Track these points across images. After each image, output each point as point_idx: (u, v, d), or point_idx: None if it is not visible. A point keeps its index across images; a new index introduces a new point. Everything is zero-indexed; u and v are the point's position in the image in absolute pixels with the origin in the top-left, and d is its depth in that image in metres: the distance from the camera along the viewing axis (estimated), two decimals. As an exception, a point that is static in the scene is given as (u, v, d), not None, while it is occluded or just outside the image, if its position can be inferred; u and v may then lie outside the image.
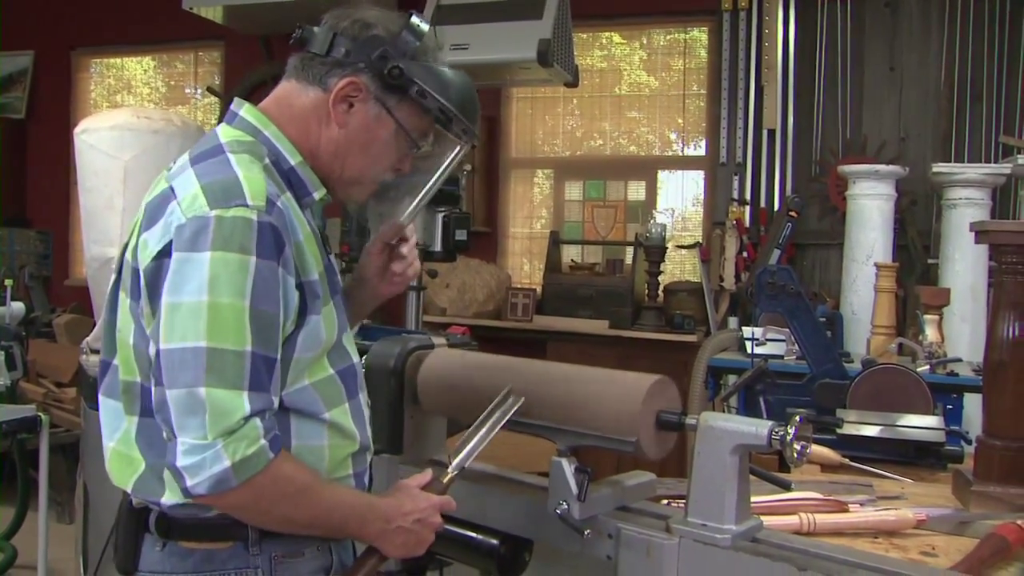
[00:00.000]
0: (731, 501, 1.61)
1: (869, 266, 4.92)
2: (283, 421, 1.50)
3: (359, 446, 1.62)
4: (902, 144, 5.71)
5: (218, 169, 1.47)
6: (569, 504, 1.70)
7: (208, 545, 1.52)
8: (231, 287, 1.38)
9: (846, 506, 2.09)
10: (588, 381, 1.81)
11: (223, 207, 1.41)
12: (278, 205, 1.45)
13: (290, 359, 1.49)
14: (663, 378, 1.75)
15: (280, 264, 1.43)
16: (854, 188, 5.22)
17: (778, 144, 5.89)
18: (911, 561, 1.78)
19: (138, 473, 1.51)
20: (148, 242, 1.47)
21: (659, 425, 1.72)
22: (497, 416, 1.74)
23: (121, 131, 3.66)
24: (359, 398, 1.64)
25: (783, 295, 3.21)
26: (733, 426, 1.61)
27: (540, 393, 1.81)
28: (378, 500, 1.59)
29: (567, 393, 1.80)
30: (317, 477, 1.51)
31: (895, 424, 2.72)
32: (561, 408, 1.78)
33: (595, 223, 6.64)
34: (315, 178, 1.60)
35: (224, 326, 1.37)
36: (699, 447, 1.63)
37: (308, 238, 1.52)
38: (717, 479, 1.61)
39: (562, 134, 6.79)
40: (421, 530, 1.59)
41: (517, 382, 1.89)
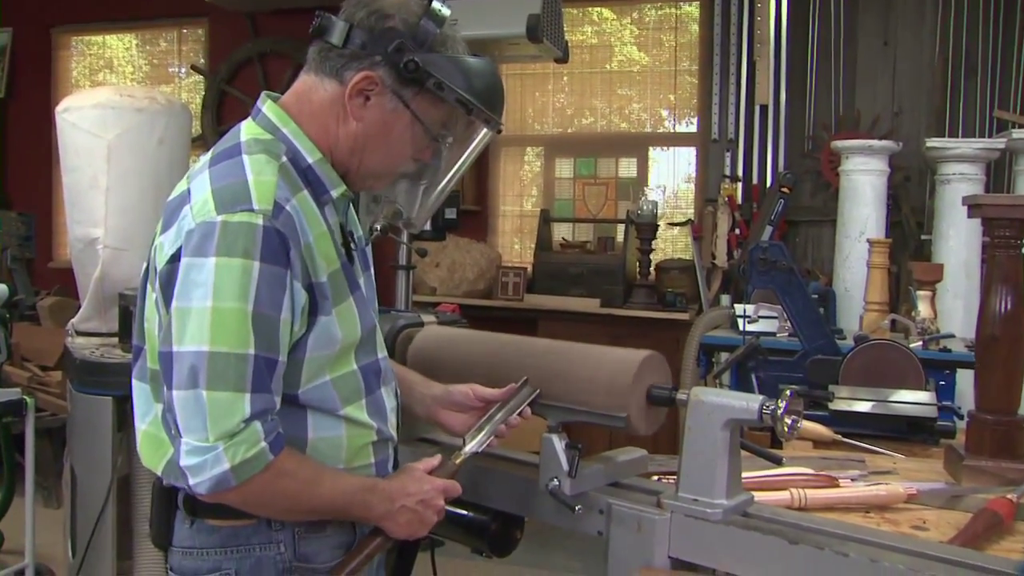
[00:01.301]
0: (722, 476, 1.62)
1: (862, 242, 4.93)
2: (299, 416, 1.55)
3: (378, 437, 1.66)
4: (896, 119, 5.72)
5: (230, 172, 1.50)
6: (560, 480, 1.72)
7: (232, 522, 1.57)
8: (234, 292, 1.41)
9: (837, 481, 2.11)
10: (579, 356, 1.82)
11: (229, 212, 1.44)
12: (287, 209, 1.47)
13: (302, 359, 1.52)
14: (654, 353, 1.77)
15: (286, 268, 1.45)
16: (847, 164, 5.23)
17: (770, 120, 5.90)
18: (902, 535, 1.80)
19: (168, 456, 1.57)
20: (163, 245, 1.51)
21: (650, 400, 1.73)
22: (512, 404, 1.77)
23: (104, 110, 3.64)
24: (378, 393, 1.66)
25: (775, 272, 3.22)
26: (724, 401, 1.63)
27: (530, 369, 1.82)
28: (382, 482, 1.63)
29: (558, 368, 1.81)
30: (320, 470, 1.55)
31: (887, 400, 2.74)
32: (552, 383, 1.80)
33: (586, 201, 6.64)
34: (333, 175, 1.61)
35: (227, 330, 1.41)
36: (690, 422, 1.64)
37: (321, 238, 1.53)
38: (708, 454, 1.63)
39: (552, 111, 6.78)
40: (424, 511, 1.63)
41: (508, 358, 1.90)
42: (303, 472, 1.51)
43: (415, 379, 1.90)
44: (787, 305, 3.28)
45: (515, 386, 1.79)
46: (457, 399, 1.83)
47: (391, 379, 1.74)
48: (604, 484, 1.81)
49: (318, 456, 1.57)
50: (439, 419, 1.85)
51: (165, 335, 1.46)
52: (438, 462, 1.70)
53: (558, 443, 1.74)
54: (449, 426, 1.84)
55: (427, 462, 1.70)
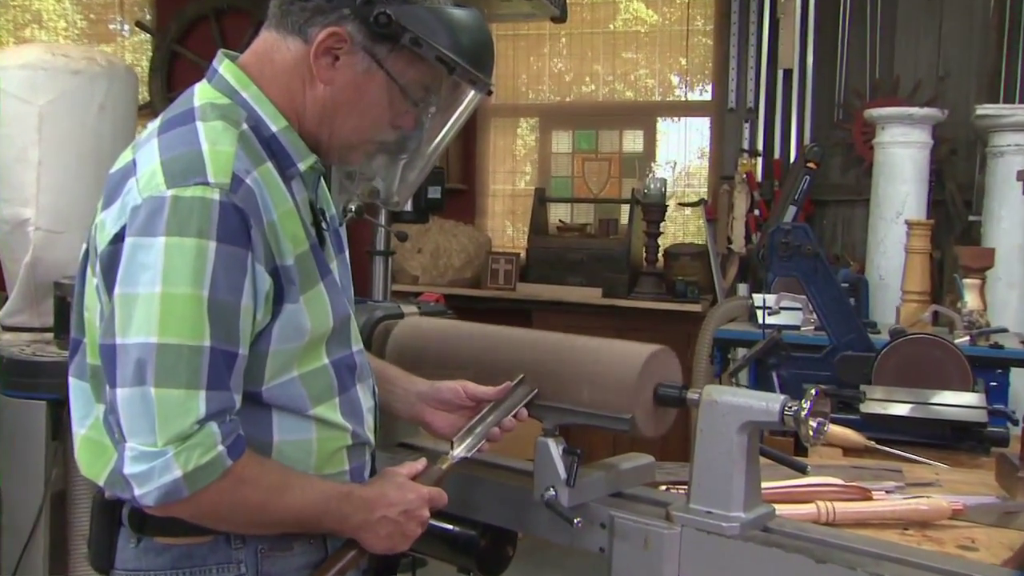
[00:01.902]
0: (739, 485, 1.62)
1: (899, 224, 4.92)
2: (263, 417, 1.54)
3: (353, 440, 1.65)
4: (940, 84, 5.66)
5: (182, 141, 1.48)
6: (557, 490, 1.72)
7: (186, 540, 1.55)
8: (186, 276, 1.39)
9: (871, 493, 2.11)
10: (578, 351, 1.82)
11: (181, 185, 1.42)
12: (247, 183, 1.46)
13: (266, 352, 1.52)
14: (662, 348, 1.77)
15: (247, 249, 1.44)
16: (883, 135, 5.21)
17: (795, 86, 5.89)
18: (947, 555, 1.80)
19: (111, 464, 1.53)
20: (105, 223, 1.49)
21: (657, 400, 1.73)
22: (507, 405, 1.78)
23: (34, 71, 3.57)
24: (353, 391, 1.66)
25: (799, 257, 3.23)
26: (740, 401, 1.63)
27: (523, 364, 1.83)
28: (359, 489, 1.62)
29: (554, 364, 1.81)
30: (287, 476, 1.54)
31: (928, 402, 2.75)
32: (547, 381, 1.80)
33: (586, 178, 6.64)
34: (301, 145, 1.59)
35: (178, 319, 1.39)
36: (702, 424, 1.65)
37: (287, 216, 1.52)
38: (723, 461, 1.63)
39: (548, 77, 6.78)
40: (407, 523, 1.62)
41: (498, 352, 1.90)
42: (267, 479, 1.50)
43: (396, 374, 1.90)
44: (813, 295, 3.28)
45: (511, 384, 1.79)
46: (445, 397, 1.83)
47: (368, 375, 1.73)
48: (606, 494, 1.81)
49: (284, 462, 1.56)
50: (424, 419, 1.85)
51: (107, 326, 1.44)
52: (422, 467, 1.70)
53: (554, 448, 1.74)
54: (435, 427, 1.84)
55: (410, 466, 1.69)
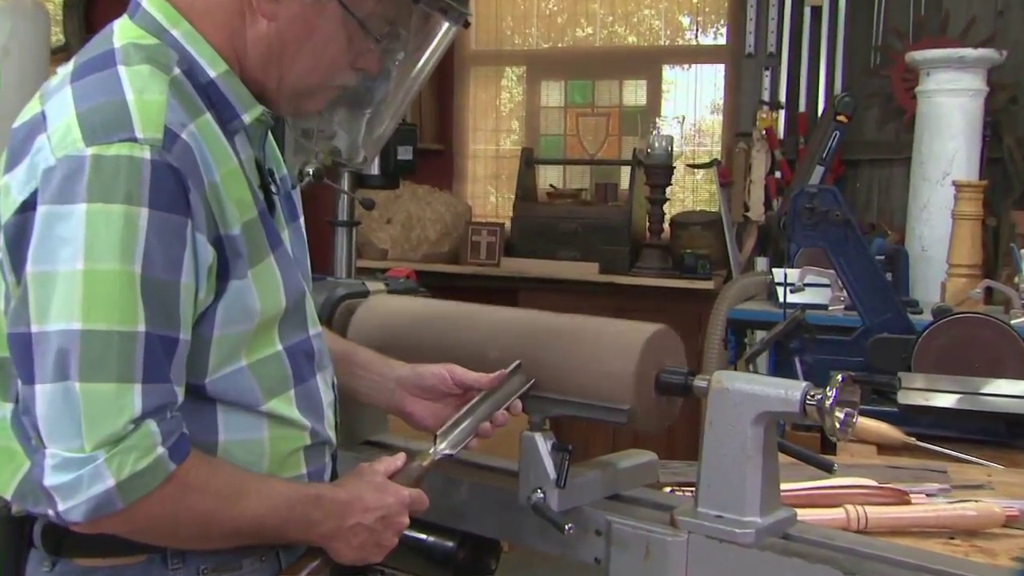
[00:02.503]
0: (754, 486, 1.63)
1: (947, 186, 4.88)
2: (206, 414, 1.53)
3: (312, 439, 1.64)
4: (998, 20, 5.58)
5: (102, 88, 1.44)
6: (545, 492, 1.72)
7: (113, 561, 1.52)
8: (114, 249, 1.36)
9: (909, 497, 2.12)
10: (568, 332, 1.82)
11: (103, 142, 1.38)
12: (183, 137, 1.43)
13: (209, 338, 1.49)
14: (665, 328, 1.78)
15: (185, 216, 1.41)
16: (928, 82, 5.15)
17: (824, 27, 5.87)
18: (998, 568, 1.81)
19: (21, 473, 1.48)
20: (10, 188, 1.44)
21: (659, 388, 1.74)
22: (500, 395, 1.78)
23: (-83, 8, 3.55)
24: (312, 382, 1.65)
25: (827, 225, 3.23)
26: (755, 388, 1.63)
27: (506, 348, 1.83)
28: (330, 491, 1.61)
29: (541, 347, 1.82)
30: (242, 479, 1.52)
31: (978, 392, 2.75)
32: (533, 366, 1.80)
33: (581, 137, 6.63)
34: (244, 93, 1.57)
35: (106, 301, 1.36)
36: (712, 416, 1.65)
37: (231, 177, 1.50)
38: (736, 457, 1.63)
39: (537, 19, 6.77)
40: (383, 531, 1.61)
41: (477, 333, 1.91)
42: (217, 483, 1.48)
43: (369, 357, 1.90)
44: (842, 269, 3.29)
45: (504, 372, 1.79)
46: (429, 383, 1.83)
47: (327, 363, 1.72)
48: (602, 497, 1.81)
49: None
50: (404, 408, 1.85)
51: (18, 311, 1.40)
52: (401, 464, 1.69)
53: (542, 444, 1.74)
54: (417, 418, 1.85)
55: (388, 463, 1.69)
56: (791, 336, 3.18)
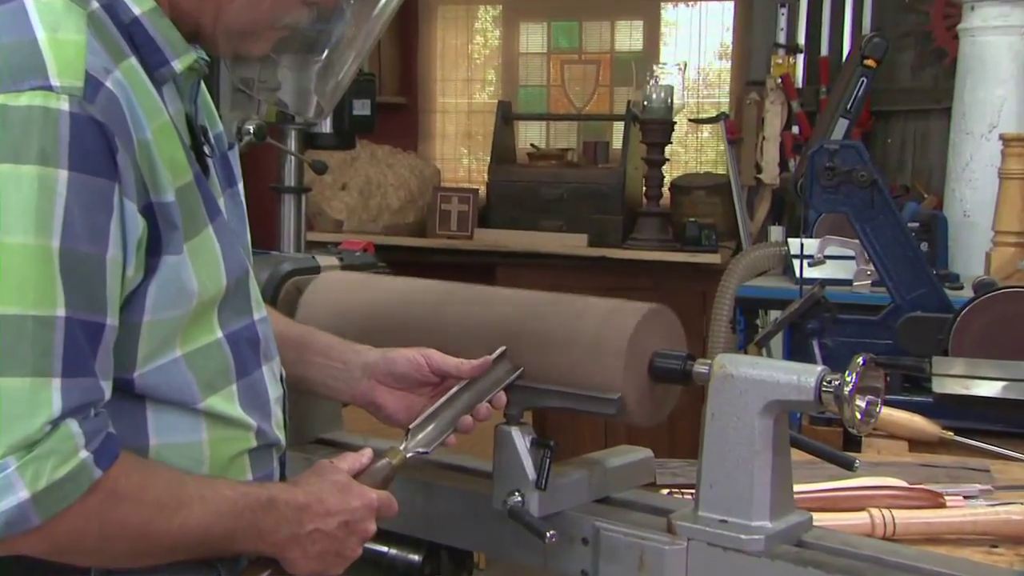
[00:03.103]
0: (763, 486, 1.64)
1: (993, 141, 4.83)
2: (135, 413, 1.51)
3: (258, 441, 1.64)
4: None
5: (6, 25, 1.40)
6: (523, 495, 1.73)
7: None
8: (27, 219, 1.34)
9: (943, 499, 2.12)
10: (549, 311, 1.84)
11: (11, 90, 1.35)
12: (107, 86, 1.39)
13: (138, 325, 1.47)
14: (659, 307, 1.79)
15: (112, 180, 1.39)
16: (973, 18, 5.09)
17: (849, -45, 5.88)
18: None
19: None
20: None
21: (654, 375, 1.75)
22: (483, 385, 1.78)
23: None
24: (258, 374, 1.65)
25: (850, 187, 3.23)
26: (764, 374, 1.64)
27: (479, 328, 1.85)
28: (285, 493, 1.60)
29: (518, 328, 1.83)
30: (181, 484, 1.49)
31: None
32: (511, 351, 1.81)
33: (567, 88, 6.63)
34: (175, 36, 1.54)
35: (18, 281, 1.34)
36: (714, 406, 1.66)
37: (163, 133, 1.47)
38: (742, 453, 1.65)
39: (514, -50, 6.75)
40: (346, 539, 1.61)
41: (447, 313, 1.92)
42: (153, 489, 1.46)
43: (330, 342, 1.90)
44: (868, 238, 3.29)
45: (489, 359, 1.80)
46: (401, 370, 1.83)
47: (274, 353, 1.72)
48: (590, 500, 1.82)
49: None
50: (373, 399, 1.85)
51: None
52: (367, 461, 1.70)
53: (520, 440, 1.75)
54: (388, 410, 1.85)
55: (352, 460, 1.69)
56: (809, 316, 3.18)
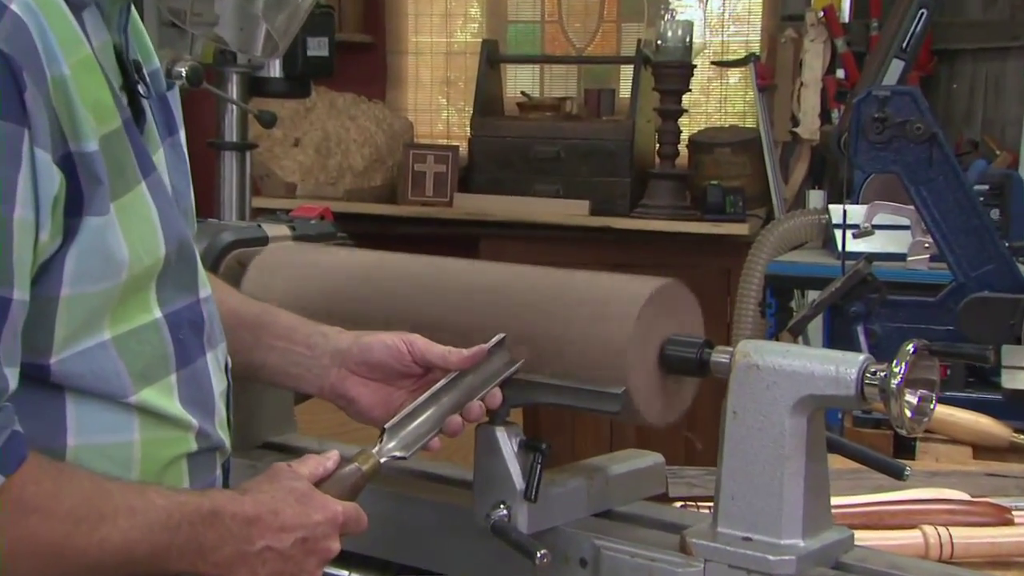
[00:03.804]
0: (795, 498, 1.65)
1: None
2: (50, 407, 1.51)
3: (199, 444, 1.64)
4: None
5: None
6: (511, 507, 1.74)
7: None
8: None
9: (1011, 515, 2.13)
10: (543, 290, 1.86)
11: None
12: (12, 9, 1.39)
13: (55, 299, 1.48)
14: (673, 283, 1.80)
15: (20, 125, 1.39)
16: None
17: None
18: None
19: None
20: None
21: (665, 365, 1.76)
22: (474, 380, 1.79)
23: None
24: (202, 362, 1.66)
25: (903, 142, 3.24)
26: (796, 364, 1.65)
27: (461, 312, 1.86)
28: (231, 503, 1.59)
29: (506, 310, 1.84)
30: (107, 490, 1.49)
31: None
32: (493, 334, 1.81)
33: (564, 24, 6.63)
34: None
35: None
36: (736, 402, 1.67)
37: (84, 69, 1.47)
38: (769, 459, 1.66)
39: None
40: (304, 559, 1.61)
41: (421, 293, 1.94)
42: (69, 498, 1.46)
43: (291, 322, 1.92)
44: (926, 204, 3.30)
45: (484, 348, 1.80)
46: (379, 358, 1.84)
47: (220, 338, 1.73)
48: (589, 514, 1.83)
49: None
50: (344, 392, 1.86)
51: None
52: (333, 466, 1.69)
53: (507, 442, 1.76)
54: (361, 405, 1.86)
55: (315, 464, 1.69)
56: (853, 297, 3.19)
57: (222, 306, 1.79)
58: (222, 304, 1.79)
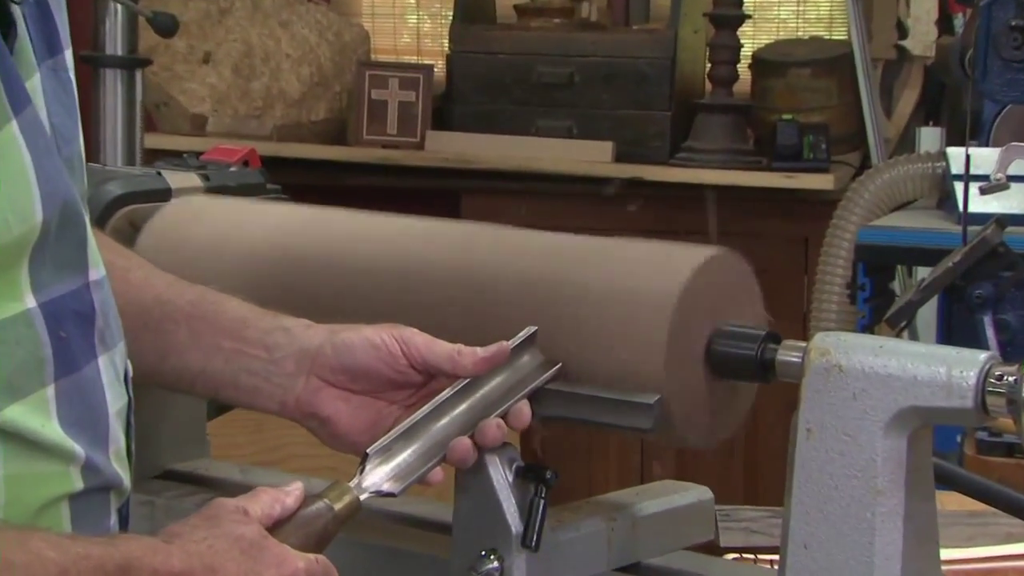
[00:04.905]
0: (890, 548, 1.67)
1: None
2: None
3: (87, 480, 1.66)
4: None
5: None
6: (503, 558, 1.76)
7: None
8: None
9: None
10: (547, 262, 1.89)
11: None
12: None
13: None
14: (725, 253, 1.83)
15: None
16: None
17: None
18: None
19: None
20: None
21: (713, 364, 1.79)
22: (494, 391, 1.81)
23: None
24: (91, 370, 1.67)
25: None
26: (893, 364, 1.66)
27: (445, 291, 1.90)
28: (154, 554, 1.57)
29: (496, 290, 1.88)
30: None
31: None
32: (486, 327, 1.85)
33: None
34: None
35: None
36: (811, 417, 1.69)
37: None
38: (855, 494, 1.68)
39: None
40: None
41: (388, 267, 1.97)
42: None
43: (241, 313, 1.91)
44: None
45: (507, 345, 1.81)
46: (362, 360, 1.84)
47: (117, 336, 1.74)
48: (609, 569, 1.86)
49: None
50: (315, 408, 1.86)
51: None
52: (294, 504, 1.68)
53: (498, 469, 1.78)
54: (336, 425, 1.86)
55: (269, 500, 1.67)
56: (978, 275, 3.21)
57: (136, 289, 1.81)
58: (135, 286, 1.81)
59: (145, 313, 1.81)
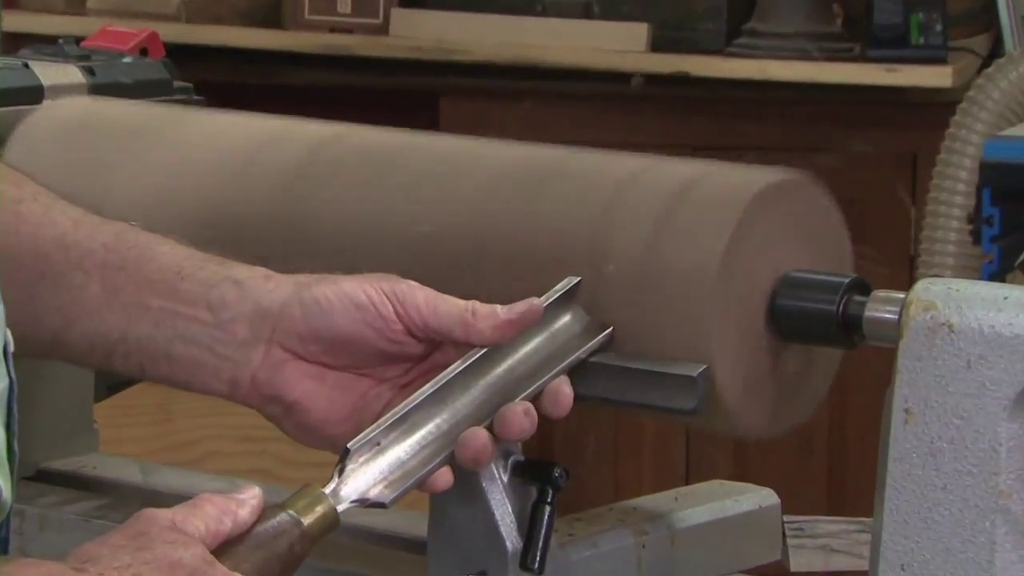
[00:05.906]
0: (1017, 567, 1.69)
1: None
2: None
3: None
4: None
5: None
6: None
7: None
8: None
9: None
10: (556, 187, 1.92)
11: None
12: None
13: None
14: (795, 177, 1.87)
15: None
16: None
17: None
18: None
19: None
20: None
21: (778, 322, 1.82)
22: (523, 365, 1.83)
23: None
24: None
25: None
26: (1022, 322, 1.69)
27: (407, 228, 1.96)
28: (56, 567, 1.62)
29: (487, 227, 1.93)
30: None
31: None
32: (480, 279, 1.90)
33: None
34: None
35: None
36: (910, 393, 1.72)
37: None
38: (971, 499, 1.70)
39: None
40: None
41: (334, 198, 2.04)
42: None
43: (174, 260, 1.91)
44: None
45: (538, 303, 1.81)
46: (340, 325, 1.84)
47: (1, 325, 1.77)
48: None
49: None
50: (277, 389, 1.87)
51: None
52: (249, 517, 1.69)
53: (488, 468, 1.81)
54: (308, 414, 1.88)
55: (215, 511, 1.67)
56: None
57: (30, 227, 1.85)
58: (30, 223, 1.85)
59: (42, 260, 1.81)
